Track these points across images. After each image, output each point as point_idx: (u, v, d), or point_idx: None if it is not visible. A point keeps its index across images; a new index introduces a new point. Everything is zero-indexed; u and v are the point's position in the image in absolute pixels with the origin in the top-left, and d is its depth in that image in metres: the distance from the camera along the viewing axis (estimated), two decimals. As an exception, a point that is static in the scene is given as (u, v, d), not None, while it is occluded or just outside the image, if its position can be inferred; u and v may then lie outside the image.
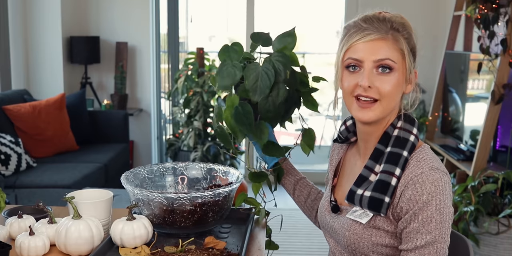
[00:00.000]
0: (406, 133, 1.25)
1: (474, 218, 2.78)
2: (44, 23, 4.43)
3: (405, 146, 1.23)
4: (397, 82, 1.21)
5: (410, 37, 1.25)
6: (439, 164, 1.22)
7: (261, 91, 1.34)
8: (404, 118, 1.28)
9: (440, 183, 1.17)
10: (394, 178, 1.20)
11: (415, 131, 1.27)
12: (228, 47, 1.40)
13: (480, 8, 3.02)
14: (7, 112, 3.73)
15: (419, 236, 1.16)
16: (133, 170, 1.54)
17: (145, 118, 4.89)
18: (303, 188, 1.56)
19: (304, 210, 1.59)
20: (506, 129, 3.08)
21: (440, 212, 1.16)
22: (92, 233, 1.31)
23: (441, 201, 1.16)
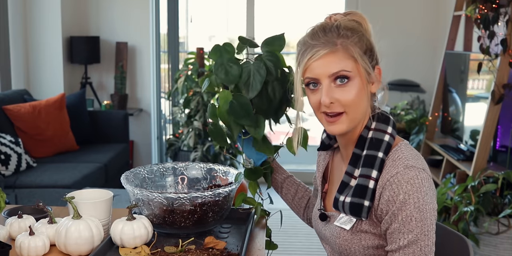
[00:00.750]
0: (380, 134, 1.24)
1: (474, 218, 2.78)
2: (44, 23, 4.43)
3: (380, 147, 1.23)
4: (358, 89, 1.21)
5: (362, 38, 1.22)
6: (415, 161, 1.20)
7: (254, 87, 1.38)
8: (378, 117, 1.27)
9: (416, 180, 1.16)
10: (372, 181, 1.20)
11: (390, 129, 1.25)
12: (220, 47, 1.43)
13: (480, 8, 3.02)
14: (7, 112, 3.73)
15: (401, 236, 1.15)
16: (133, 170, 1.54)
17: (145, 118, 4.89)
18: (290, 186, 1.58)
19: (292, 207, 1.61)
20: (506, 129, 3.08)
21: (420, 209, 1.15)
22: (92, 233, 1.31)
23: (419, 199, 1.15)
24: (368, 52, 1.23)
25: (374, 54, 1.24)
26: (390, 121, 1.27)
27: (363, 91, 1.22)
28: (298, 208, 1.59)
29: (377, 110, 1.28)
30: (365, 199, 1.20)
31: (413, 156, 1.22)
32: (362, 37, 1.23)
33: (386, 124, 1.26)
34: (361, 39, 1.22)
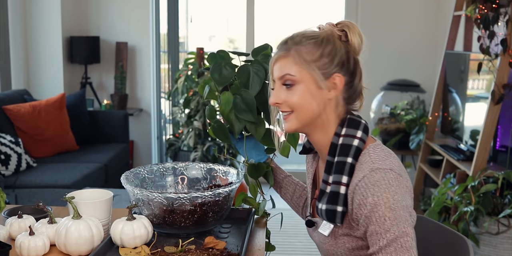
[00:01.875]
0: (349, 139, 1.27)
1: (474, 218, 2.78)
2: (44, 23, 4.43)
3: (349, 153, 1.25)
4: (303, 93, 1.26)
5: (321, 45, 1.26)
6: (382, 162, 1.22)
7: (253, 88, 1.46)
8: (348, 123, 1.29)
9: (382, 182, 1.18)
10: (343, 186, 1.24)
11: (359, 133, 1.28)
12: (215, 54, 1.54)
13: (480, 8, 3.02)
14: (7, 112, 3.73)
15: (379, 236, 1.16)
16: (133, 170, 1.54)
17: (145, 118, 4.89)
18: (289, 185, 1.61)
19: (292, 206, 1.64)
20: (506, 129, 3.08)
21: (391, 209, 1.16)
22: (92, 233, 1.31)
23: (389, 199, 1.17)
24: (323, 58, 1.26)
25: (333, 62, 1.26)
26: (361, 125, 1.29)
27: (310, 97, 1.26)
28: (297, 207, 1.62)
29: (349, 115, 1.31)
30: (338, 204, 1.24)
31: (380, 157, 1.24)
32: (321, 44, 1.26)
33: (355, 129, 1.28)
34: (317, 46, 1.26)
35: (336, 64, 1.26)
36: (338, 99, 1.29)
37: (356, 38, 1.28)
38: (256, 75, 1.47)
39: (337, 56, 1.26)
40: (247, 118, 1.47)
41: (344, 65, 1.27)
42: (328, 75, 1.26)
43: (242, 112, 1.46)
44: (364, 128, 1.29)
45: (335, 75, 1.26)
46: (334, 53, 1.26)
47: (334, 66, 1.26)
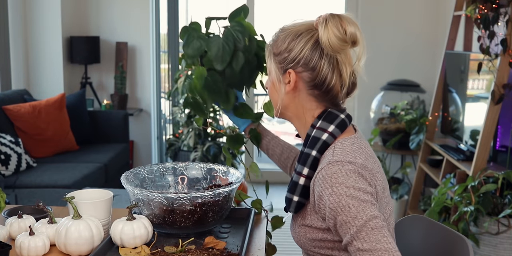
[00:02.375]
0: (320, 132, 1.28)
1: (474, 218, 2.78)
2: (44, 23, 4.43)
3: (315, 146, 1.27)
4: (270, 84, 1.35)
5: (285, 39, 1.29)
6: (344, 156, 1.22)
7: (223, 60, 1.49)
8: (325, 116, 1.29)
9: (339, 174, 1.18)
10: (302, 177, 1.26)
11: (332, 128, 1.27)
12: (187, 27, 1.55)
13: (480, 8, 3.02)
14: (7, 112, 3.73)
15: (348, 225, 1.16)
16: (133, 170, 1.54)
17: (145, 118, 4.89)
18: (275, 147, 1.65)
19: (280, 167, 1.68)
20: (506, 129, 3.08)
21: (353, 197, 1.16)
22: (92, 233, 1.31)
23: (349, 188, 1.16)
24: (284, 53, 1.28)
25: (293, 58, 1.27)
26: (336, 120, 1.28)
27: (274, 88, 1.34)
28: (285, 168, 1.65)
29: (330, 109, 1.31)
30: (295, 194, 1.27)
31: (344, 151, 1.24)
32: (285, 38, 1.29)
33: (328, 123, 1.28)
34: (282, 40, 1.29)
35: (291, 60, 1.27)
36: (303, 94, 1.30)
37: (328, 34, 1.23)
38: (226, 46, 1.49)
39: (293, 51, 1.27)
40: (217, 98, 1.53)
41: (301, 61, 1.26)
42: (284, 70, 1.29)
43: (213, 93, 1.51)
44: (340, 122, 1.28)
45: (288, 71, 1.28)
46: (291, 48, 1.27)
47: (289, 61, 1.28)
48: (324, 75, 1.26)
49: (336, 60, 1.26)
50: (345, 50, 1.25)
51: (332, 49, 1.24)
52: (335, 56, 1.26)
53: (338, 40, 1.23)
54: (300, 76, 1.28)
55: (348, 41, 1.24)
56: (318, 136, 1.27)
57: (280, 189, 4.61)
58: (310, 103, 1.31)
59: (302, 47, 1.26)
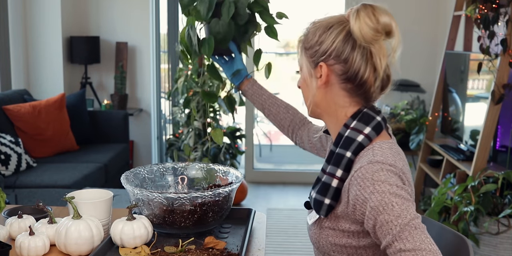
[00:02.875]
0: (355, 133, 1.23)
1: (474, 218, 2.78)
2: (44, 23, 4.43)
3: (349, 147, 1.21)
4: (302, 79, 1.32)
5: (316, 32, 1.26)
6: (384, 157, 1.18)
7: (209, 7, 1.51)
8: (361, 117, 1.25)
9: (381, 173, 1.14)
10: (336, 179, 1.21)
11: (368, 130, 1.22)
12: None
13: (480, 8, 3.02)
14: (7, 112, 3.73)
15: (390, 225, 1.09)
16: (133, 170, 1.54)
17: (145, 118, 4.89)
18: (271, 106, 1.63)
19: (277, 127, 1.67)
20: (506, 129, 3.08)
21: (396, 194, 1.11)
22: (92, 233, 1.31)
23: (392, 186, 1.12)
24: (315, 46, 1.25)
25: (325, 51, 1.23)
26: (372, 122, 1.24)
27: (305, 83, 1.30)
28: (282, 128, 1.65)
29: (366, 109, 1.26)
30: (326, 197, 1.21)
31: (384, 153, 1.19)
32: (315, 32, 1.26)
33: (365, 125, 1.23)
34: (313, 33, 1.26)
35: (322, 53, 1.24)
36: (335, 89, 1.25)
37: (360, 24, 1.19)
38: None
39: (324, 43, 1.23)
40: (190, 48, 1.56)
41: (333, 54, 1.22)
42: (315, 64, 1.25)
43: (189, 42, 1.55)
44: (376, 125, 1.24)
45: (320, 64, 1.24)
46: (322, 41, 1.24)
47: (320, 54, 1.24)
48: (357, 68, 1.22)
49: (369, 52, 1.22)
50: (378, 41, 1.21)
51: (365, 40, 1.20)
52: (369, 47, 1.21)
53: (370, 30, 1.19)
54: (332, 69, 1.24)
55: (381, 31, 1.21)
56: (353, 137, 1.22)
57: (279, 189, 4.61)
58: (343, 99, 1.26)
59: (333, 39, 1.22)
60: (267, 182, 4.91)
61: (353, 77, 1.23)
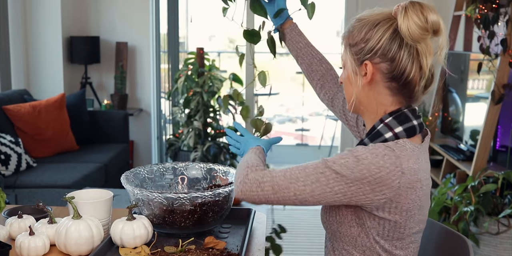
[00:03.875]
0: (385, 129, 1.22)
1: (474, 218, 2.78)
2: (44, 23, 4.43)
3: (374, 140, 1.22)
4: (346, 76, 1.29)
5: (362, 28, 1.22)
6: (400, 151, 1.18)
7: None
8: (398, 115, 1.24)
9: (378, 150, 1.16)
10: None
11: (399, 129, 1.22)
12: None
13: (480, 8, 3.02)
14: (7, 112, 3.73)
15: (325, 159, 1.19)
16: (133, 170, 1.54)
17: (145, 118, 4.89)
18: (305, 56, 1.60)
19: (306, 76, 1.63)
20: (506, 129, 3.08)
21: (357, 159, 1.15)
22: (92, 233, 1.31)
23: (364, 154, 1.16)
24: (361, 43, 1.22)
25: (371, 48, 1.21)
26: (407, 124, 1.23)
27: (349, 81, 1.28)
28: (311, 80, 1.61)
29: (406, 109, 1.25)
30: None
31: (400, 148, 1.19)
32: (361, 28, 1.22)
33: (398, 124, 1.22)
34: (359, 30, 1.23)
35: (368, 50, 1.21)
36: (379, 87, 1.23)
37: (408, 22, 1.17)
38: None
39: (370, 41, 1.21)
40: None
41: (379, 52, 1.20)
42: (361, 62, 1.23)
43: None
44: (410, 128, 1.23)
45: (365, 62, 1.22)
46: (368, 38, 1.21)
47: (366, 52, 1.21)
48: (403, 66, 1.20)
49: (416, 50, 1.20)
50: (425, 39, 1.19)
51: (412, 39, 1.18)
52: (415, 46, 1.19)
53: (418, 28, 1.17)
54: (378, 67, 1.21)
55: (429, 30, 1.18)
56: (382, 132, 1.22)
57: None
58: (386, 98, 1.24)
59: (380, 37, 1.20)
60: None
61: (398, 76, 1.22)
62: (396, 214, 1.19)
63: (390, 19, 1.21)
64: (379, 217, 1.20)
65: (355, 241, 1.24)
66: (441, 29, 1.20)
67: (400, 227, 1.21)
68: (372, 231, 1.22)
